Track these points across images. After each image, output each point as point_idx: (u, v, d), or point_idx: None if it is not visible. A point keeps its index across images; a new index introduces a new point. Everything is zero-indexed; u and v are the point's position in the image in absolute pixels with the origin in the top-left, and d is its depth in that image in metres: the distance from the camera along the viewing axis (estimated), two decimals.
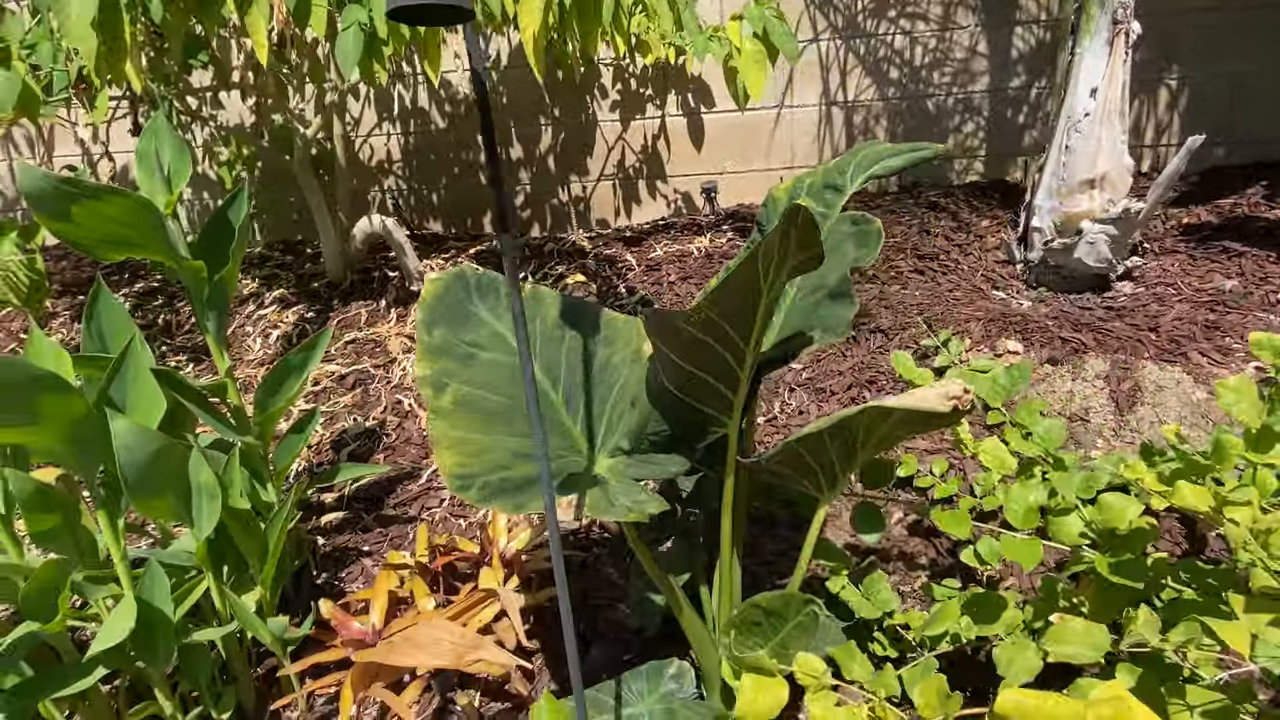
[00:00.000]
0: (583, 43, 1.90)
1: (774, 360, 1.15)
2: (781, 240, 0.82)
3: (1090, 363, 1.87)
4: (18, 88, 2.00)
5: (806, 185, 1.28)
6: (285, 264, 3.15)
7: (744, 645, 1.15)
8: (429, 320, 1.07)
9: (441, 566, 1.53)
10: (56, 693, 1.25)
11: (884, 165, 1.19)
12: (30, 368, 1.08)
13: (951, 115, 2.94)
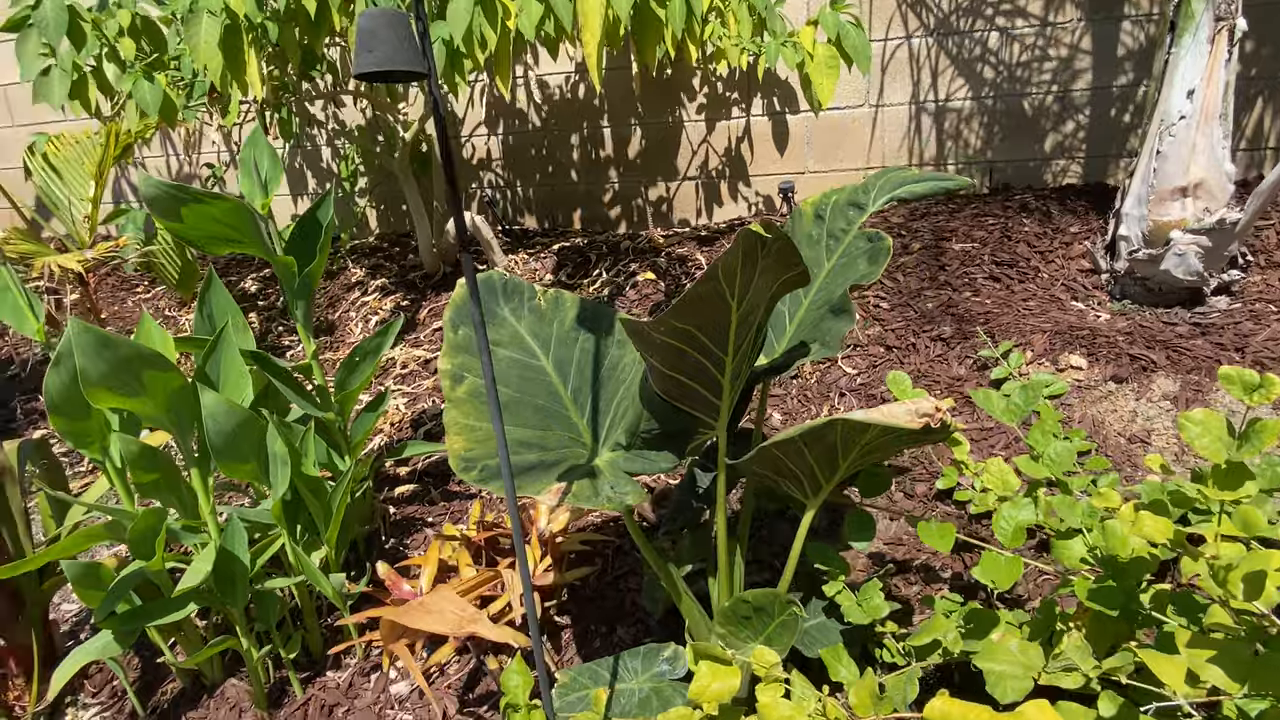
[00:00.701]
0: (640, 55, 1.98)
1: (776, 368, 1.20)
2: (745, 261, 0.88)
3: (1159, 382, 1.78)
4: (159, 98, 2.30)
5: (832, 201, 1.31)
6: (391, 255, 3.42)
7: (736, 637, 1.21)
8: (454, 320, 1.20)
9: (484, 541, 1.67)
10: (155, 620, 1.48)
11: (907, 189, 1.21)
12: (136, 346, 1.29)
13: (1049, 115, 2.81)
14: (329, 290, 3.23)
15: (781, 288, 1.04)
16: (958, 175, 1.23)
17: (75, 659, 1.44)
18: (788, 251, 0.93)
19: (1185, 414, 0.84)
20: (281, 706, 1.60)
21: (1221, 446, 0.81)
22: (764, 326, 1.11)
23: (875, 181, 1.27)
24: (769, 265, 0.92)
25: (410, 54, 0.67)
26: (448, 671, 1.64)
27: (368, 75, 0.69)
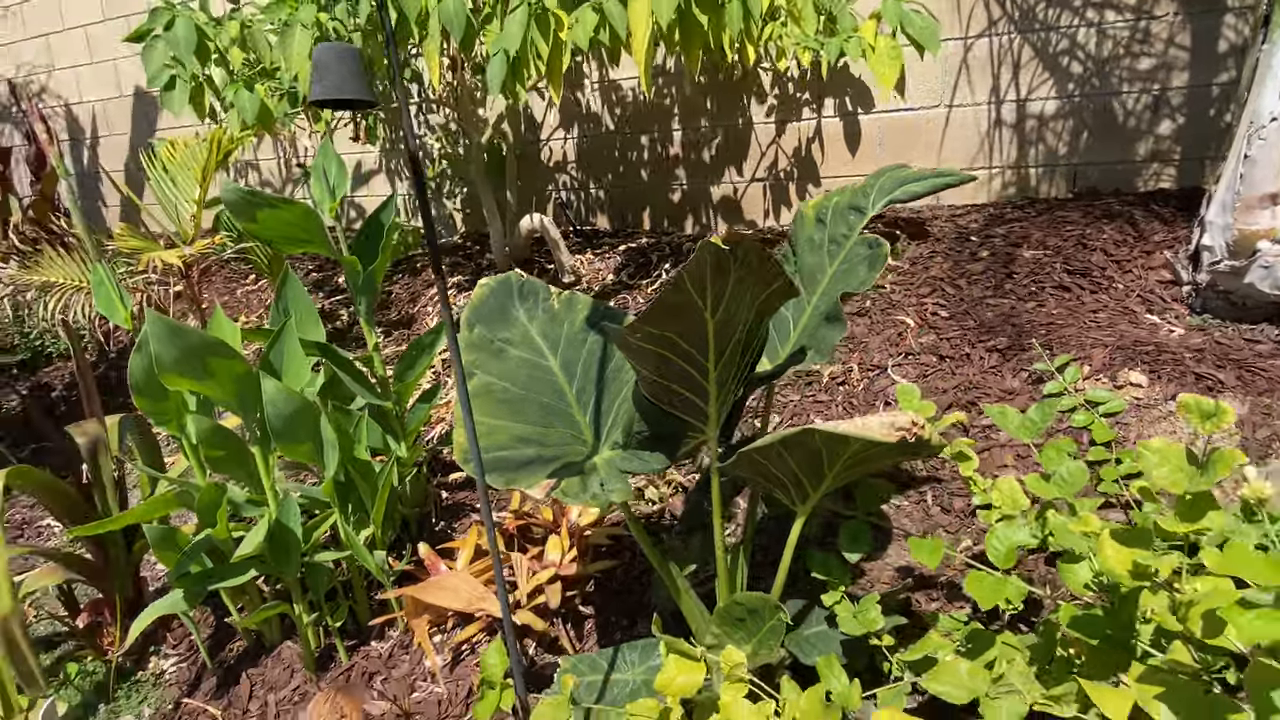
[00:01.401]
0: (686, 60, 2.01)
1: (772, 374, 1.22)
2: (715, 272, 0.91)
3: (1226, 403, 1.66)
4: (257, 106, 2.51)
5: (833, 204, 1.31)
6: (470, 254, 3.58)
7: (730, 638, 1.24)
8: (470, 319, 1.28)
9: (515, 529, 1.76)
10: (221, 583, 1.64)
11: (905, 190, 1.20)
12: (203, 335, 1.45)
13: (1141, 115, 2.64)
14: (411, 286, 3.42)
15: (771, 298, 1.06)
16: (962, 171, 1.20)
17: (150, 612, 1.62)
18: (760, 263, 0.95)
19: (1143, 443, 0.80)
20: (328, 670, 1.74)
21: (1182, 477, 0.77)
22: (759, 334, 1.13)
23: (874, 182, 1.26)
24: (743, 276, 0.94)
25: (356, 85, 0.74)
26: (478, 650, 1.74)
27: (319, 102, 0.77)
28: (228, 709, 1.70)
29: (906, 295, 2.41)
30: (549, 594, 1.58)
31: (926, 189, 1.20)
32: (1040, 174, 2.84)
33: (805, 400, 2.18)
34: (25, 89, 5.28)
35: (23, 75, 5.34)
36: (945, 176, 1.20)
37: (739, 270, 0.92)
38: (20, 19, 5.30)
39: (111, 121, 5.08)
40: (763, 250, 0.94)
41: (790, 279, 1.01)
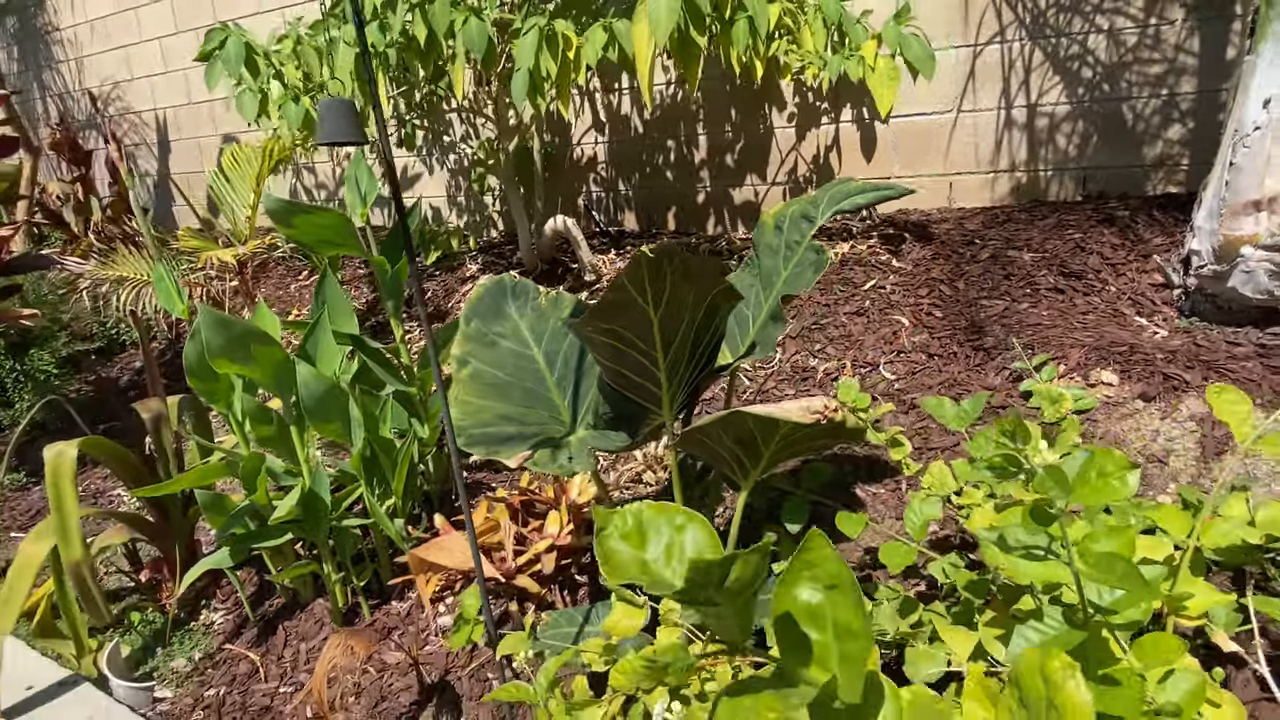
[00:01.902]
0: (685, 75, 2.15)
1: (724, 367, 1.36)
2: (653, 274, 1.07)
3: (1188, 402, 1.73)
4: (303, 116, 2.75)
5: (790, 213, 1.44)
6: (504, 252, 3.79)
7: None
8: (468, 314, 1.46)
9: (519, 503, 1.94)
10: (261, 543, 1.87)
11: (850, 201, 1.33)
12: (246, 325, 1.66)
13: (1151, 119, 2.67)
14: (447, 282, 3.65)
15: (717, 298, 1.22)
16: (900, 184, 1.32)
17: (200, 566, 1.86)
18: (698, 268, 1.11)
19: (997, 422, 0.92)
20: (353, 624, 1.95)
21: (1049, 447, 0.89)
22: (711, 329, 1.28)
23: (824, 194, 1.39)
24: (678, 279, 1.09)
25: (349, 130, 0.93)
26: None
27: (325, 143, 0.96)
28: (265, 655, 1.93)
29: (905, 296, 2.51)
30: (544, 562, 1.76)
31: (867, 200, 1.33)
32: (1050, 177, 2.89)
33: (799, 395, 2.30)
34: (104, 98, 5.71)
35: (104, 85, 5.78)
36: (885, 190, 1.32)
37: (674, 274, 1.08)
38: (105, 32, 5.74)
39: (182, 126, 5.47)
40: (697, 258, 1.10)
41: (729, 283, 1.17)
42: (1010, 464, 0.75)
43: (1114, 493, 0.72)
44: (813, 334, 2.50)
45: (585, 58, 2.18)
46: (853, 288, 2.63)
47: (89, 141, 5.85)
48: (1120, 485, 0.73)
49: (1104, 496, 0.72)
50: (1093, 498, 0.72)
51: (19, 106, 6.60)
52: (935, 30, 2.91)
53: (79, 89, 5.99)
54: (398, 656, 1.79)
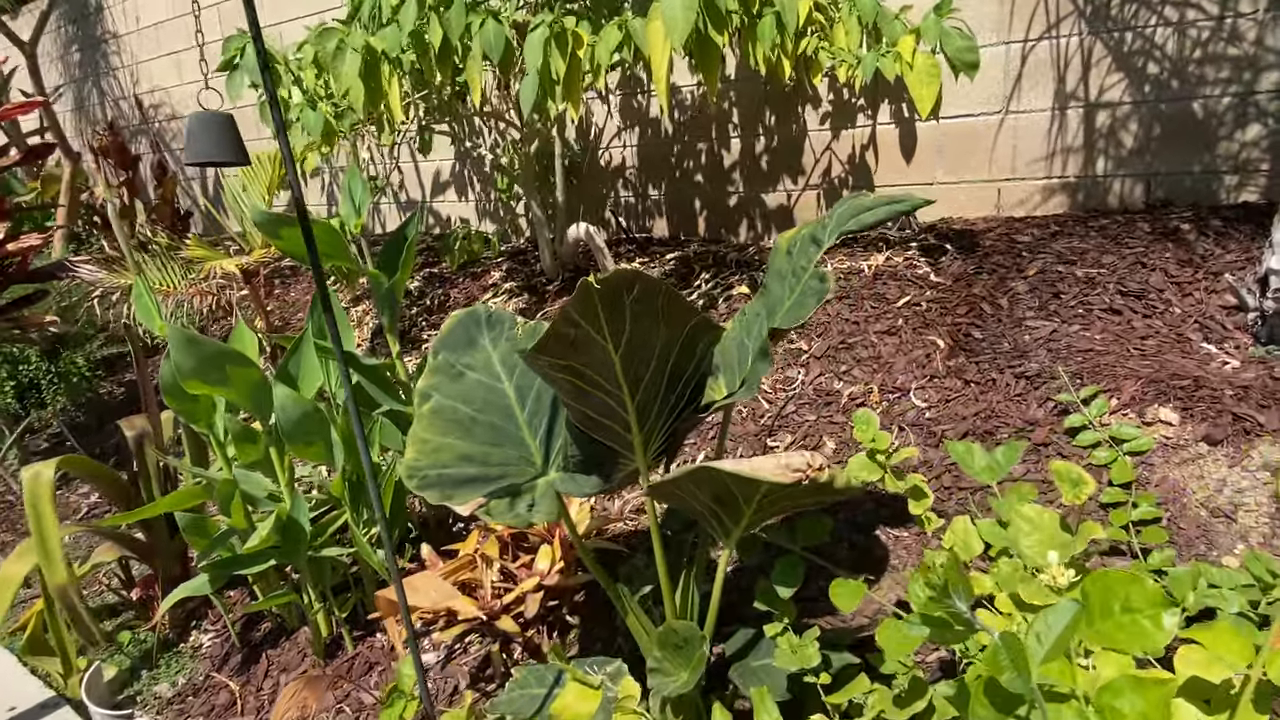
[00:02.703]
0: (704, 77, 2.00)
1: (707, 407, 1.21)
2: (610, 307, 0.93)
3: (1261, 448, 1.51)
4: (321, 122, 2.69)
5: (801, 237, 1.28)
6: (528, 259, 3.69)
7: (670, 662, 1.25)
8: (437, 346, 1.34)
9: (509, 536, 1.82)
10: (241, 570, 1.79)
11: (858, 220, 1.17)
12: (218, 345, 1.58)
13: (1224, 120, 2.41)
14: (469, 289, 3.57)
15: (695, 334, 1.07)
16: (914, 195, 1.15)
17: (176, 594, 1.79)
18: (666, 303, 0.96)
19: (1015, 509, 0.75)
20: (335, 657, 1.86)
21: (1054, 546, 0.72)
22: (690, 367, 1.13)
23: (834, 213, 1.23)
24: (642, 311, 0.95)
25: (225, 149, 0.81)
26: (470, 650, 1.82)
27: (194, 163, 0.85)
28: (245, 685, 1.86)
29: (942, 314, 2.31)
30: (529, 603, 1.63)
31: (879, 217, 1.16)
32: (1109, 184, 2.64)
33: (820, 421, 2.13)
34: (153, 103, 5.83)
35: (154, 91, 5.90)
36: (897, 204, 1.16)
37: (635, 306, 0.93)
38: (157, 39, 5.86)
39: None
40: (666, 288, 0.95)
41: (707, 316, 1.02)
42: (955, 621, 0.59)
43: (1144, 639, 0.55)
44: (839, 354, 2.32)
45: (599, 58, 2.04)
46: (885, 304, 2.43)
47: (139, 146, 5.98)
48: (1154, 629, 0.55)
49: (1130, 642, 0.55)
50: (1115, 640, 0.55)
51: (77, 114, 6.81)
52: (982, 25, 2.69)
53: (131, 95, 6.14)
54: (374, 698, 1.68)
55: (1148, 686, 0.54)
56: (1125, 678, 0.55)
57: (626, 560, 1.68)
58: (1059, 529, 0.73)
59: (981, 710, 0.55)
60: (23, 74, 6.72)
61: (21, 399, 3.64)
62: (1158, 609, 0.56)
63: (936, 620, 0.59)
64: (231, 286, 2.67)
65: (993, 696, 0.54)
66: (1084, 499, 0.68)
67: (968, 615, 0.57)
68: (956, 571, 0.60)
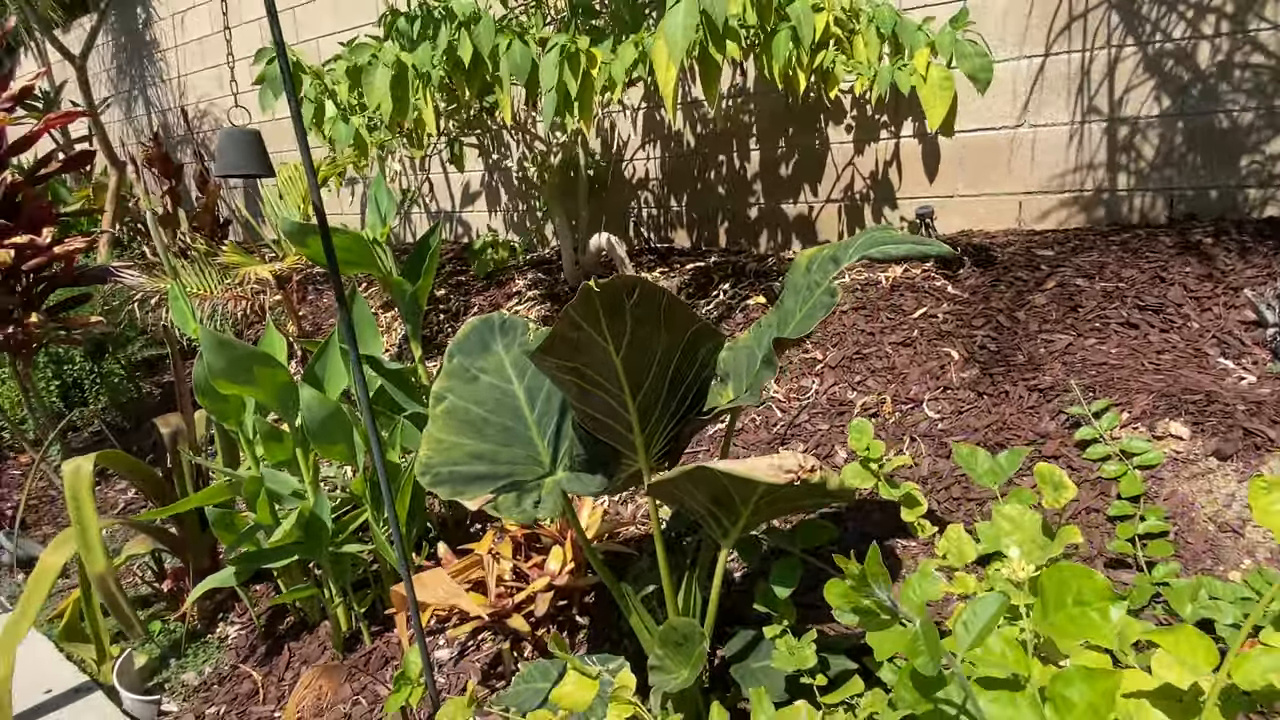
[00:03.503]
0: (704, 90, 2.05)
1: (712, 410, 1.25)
2: (611, 312, 0.97)
3: (1272, 463, 1.50)
4: (352, 134, 2.78)
5: (821, 255, 1.32)
6: (553, 269, 3.76)
7: (671, 659, 1.28)
8: (452, 351, 1.39)
9: (522, 536, 1.87)
10: (266, 564, 1.86)
11: (881, 250, 1.20)
12: (248, 347, 1.65)
13: (1249, 132, 2.39)
14: (494, 297, 3.64)
15: (697, 339, 1.11)
16: (939, 244, 1.18)
17: (203, 585, 1.86)
18: (667, 308, 1.00)
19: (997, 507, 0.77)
20: (354, 651, 1.92)
21: (1034, 547, 0.74)
22: (693, 372, 1.17)
23: (859, 239, 1.26)
24: (643, 316, 0.99)
25: (251, 162, 0.87)
26: (482, 649, 1.86)
27: (223, 175, 0.91)
28: (268, 675, 1.92)
29: (958, 326, 2.32)
30: (539, 602, 1.67)
31: (901, 253, 1.19)
32: (1132, 197, 2.63)
33: (833, 430, 2.15)
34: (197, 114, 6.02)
35: (199, 102, 6.11)
36: (923, 246, 1.19)
37: (636, 310, 0.98)
38: (201, 52, 6.07)
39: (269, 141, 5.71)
40: (667, 295, 0.99)
41: (708, 323, 1.06)
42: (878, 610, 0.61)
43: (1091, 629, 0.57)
44: (854, 364, 2.34)
45: (615, 75, 2.10)
46: (901, 315, 2.45)
47: (183, 156, 6.19)
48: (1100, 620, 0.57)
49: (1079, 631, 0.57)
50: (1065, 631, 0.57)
51: (124, 124, 7.07)
52: (1004, 39, 2.71)
53: (176, 106, 6.36)
54: (389, 690, 1.73)
55: (1097, 678, 0.56)
56: (1076, 669, 0.57)
57: (634, 561, 1.72)
58: (1039, 531, 0.75)
59: (905, 694, 0.57)
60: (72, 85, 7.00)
61: (65, 397, 3.79)
62: (1105, 602, 0.59)
63: (864, 609, 0.62)
64: (265, 292, 2.77)
65: (915, 681, 0.57)
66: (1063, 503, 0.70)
67: (889, 604, 0.59)
68: (876, 563, 0.62)
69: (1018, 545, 0.75)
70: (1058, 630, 0.58)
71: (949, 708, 0.60)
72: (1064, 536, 0.70)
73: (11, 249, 2.62)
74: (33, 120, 3.43)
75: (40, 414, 3.07)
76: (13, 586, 2.54)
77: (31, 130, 3.03)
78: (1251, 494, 0.67)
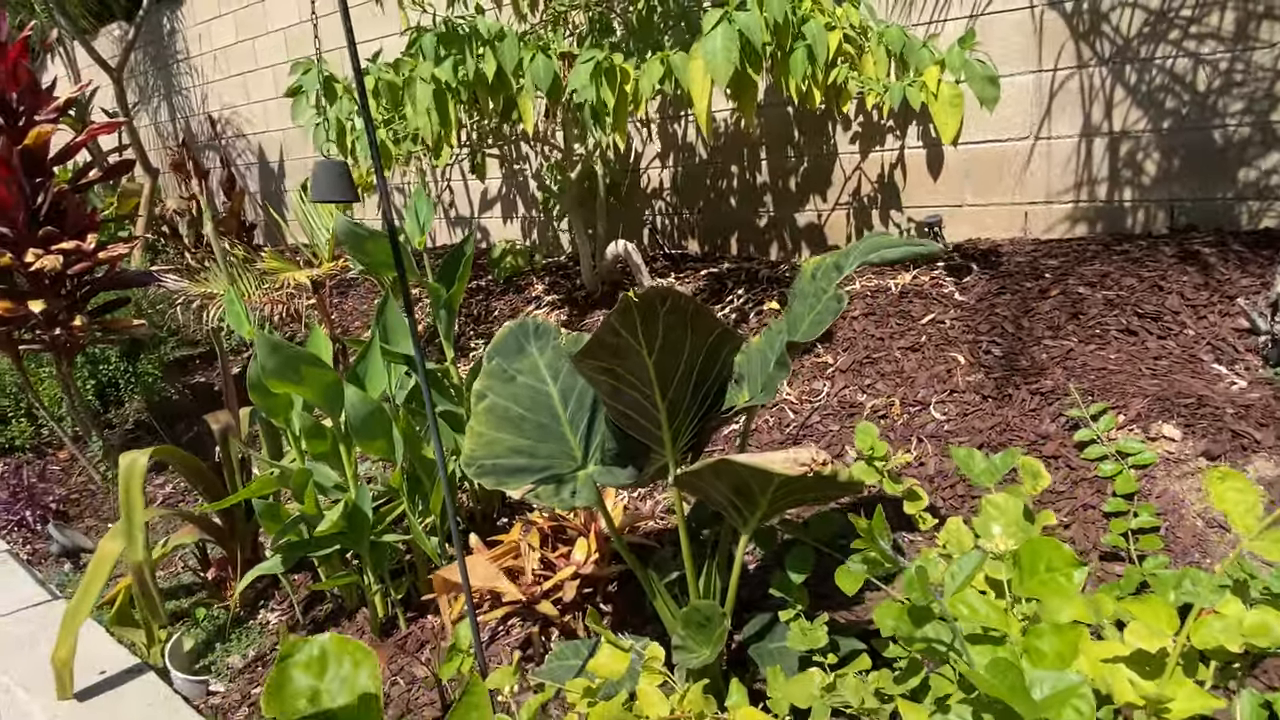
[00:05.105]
0: (741, 111, 2.16)
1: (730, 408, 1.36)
2: (645, 317, 1.08)
3: (1257, 463, 1.59)
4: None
5: (825, 264, 1.42)
6: (570, 274, 3.87)
7: (693, 639, 1.39)
8: (491, 353, 1.51)
9: (550, 529, 1.98)
10: (310, 552, 1.98)
11: (880, 255, 1.30)
12: (296, 349, 1.78)
13: (1245, 147, 2.48)
14: (513, 302, 3.76)
15: (718, 342, 1.22)
16: (932, 243, 1.29)
17: (253, 572, 1.98)
18: (694, 314, 1.11)
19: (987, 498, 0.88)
20: (390, 635, 2.04)
21: (1017, 529, 0.84)
22: (714, 372, 1.28)
23: (858, 246, 1.37)
24: (674, 322, 1.10)
25: (341, 191, 0.99)
26: (511, 633, 1.98)
27: (319, 201, 1.02)
28: None
29: (964, 331, 2.42)
30: (566, 589, 1.78)
31: (899, 256, 1.30)
32: (1133, 209, 2.72)
33: (844, 431, 2.25)
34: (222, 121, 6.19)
35: (224, 110, 6.27)
36: (918, 247, 1.29)
37: (668, 316, 1.09)
38: (226, 61, 6.23)
39: (291, 149, 5.86)
40: (694, 303, 1.11)
41: (729, 328, 1.17)
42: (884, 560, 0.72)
43: (1059, 590, 0.67)
44: (864, 368, 2.44)
45: (642, 90, 2.21)
46: (910, 321, 2.55)
47: (210, 162, 6.35)
48: (1066, 583, 0.68)
49: (1050, 593, 0.67)
50: (1038, 592, 0.68)
51: (153, 129, 7.24)
52: (1010, 55, 2.81)
53: (203, 113, 6.52)
54: (427, 671, 1.85)
55: (1063, 631, 0.67)
56: (1047, 624, 0.67)
57: (655, 553, 1.83)
58: (1021, 515, 0.85)
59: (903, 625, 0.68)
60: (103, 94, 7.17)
61: (101, 396, 3.93)
62: (1070, 568, 0.69)
63: (870, 559, 0.72)
64: (299, 295, 2.90)
65: (913, 615, 0.67)
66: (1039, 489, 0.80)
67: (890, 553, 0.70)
68: (881, 522, 0.73)
69: (1001, 526, 0.86)
70: (1032, 592, 0.69)
71: (940, 646, 0.70)
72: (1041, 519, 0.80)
73: (60, 255, 2.76)
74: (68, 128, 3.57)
75: (81, 411, 3.20)
76: (61, 575, 2.67)
77: (73, 140, 3.17)
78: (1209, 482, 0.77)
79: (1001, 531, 0.77)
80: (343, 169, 1.03)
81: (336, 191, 1.03)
